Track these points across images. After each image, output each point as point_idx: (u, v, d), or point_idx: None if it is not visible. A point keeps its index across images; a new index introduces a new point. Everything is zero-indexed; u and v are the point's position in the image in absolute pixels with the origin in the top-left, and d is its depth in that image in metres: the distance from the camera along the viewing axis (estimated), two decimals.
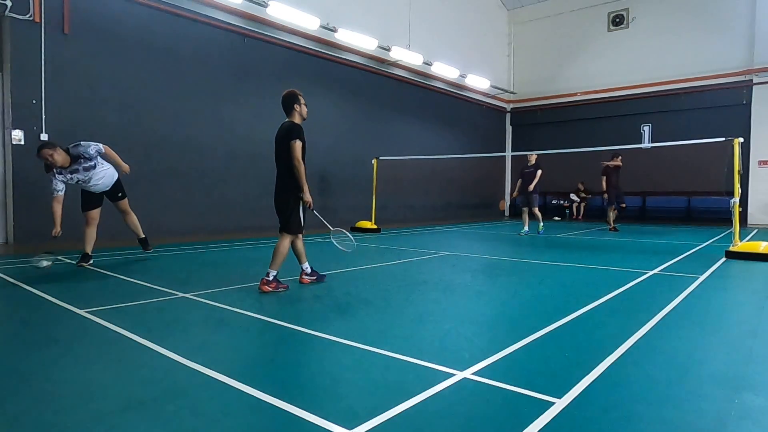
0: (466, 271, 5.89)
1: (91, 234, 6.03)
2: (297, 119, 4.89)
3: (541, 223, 11.30)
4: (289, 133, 4.70)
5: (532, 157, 11.26)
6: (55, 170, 5.62)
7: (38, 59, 7.61)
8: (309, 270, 4.96)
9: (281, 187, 4.79)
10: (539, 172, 11.00)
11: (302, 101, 4.87)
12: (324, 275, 5.12)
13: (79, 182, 5.85)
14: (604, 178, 11.98)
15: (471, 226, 13.58)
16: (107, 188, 6.17)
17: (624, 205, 12.34)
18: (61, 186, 5.64)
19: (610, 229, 12.02)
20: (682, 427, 1.98)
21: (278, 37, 11.02)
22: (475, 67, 16.63)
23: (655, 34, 15.91)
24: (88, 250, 5.96)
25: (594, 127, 16.84)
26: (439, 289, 4.82)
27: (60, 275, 5.34)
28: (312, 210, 4.84)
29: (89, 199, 6.10)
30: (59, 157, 5.60)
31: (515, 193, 11.52)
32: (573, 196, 16.90)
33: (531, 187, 10.94)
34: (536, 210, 11.19)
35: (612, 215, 12.13)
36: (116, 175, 6.31)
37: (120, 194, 6.40)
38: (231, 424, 1.96)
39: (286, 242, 4.67)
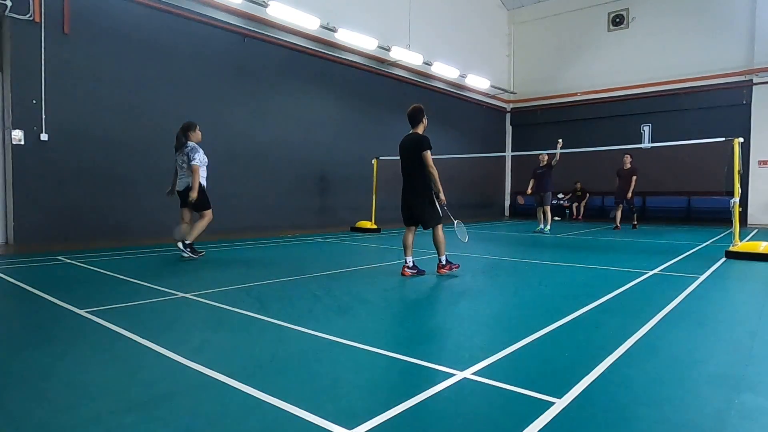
0: (466, 271, 5.88)
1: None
2: (421, 130, 5.44)
3: (548, 225, 11.41)
4: (420, 144, 5.25)
5: (544, 157, 11.51)
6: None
7: (38, 59, 7.61)
8: (411, 264, 5.48)
9: (414, 190, 5.37)
10: (551, 172, 11.36)
11: (425, 114, 5.48)
12: (423, 270, 5.59)
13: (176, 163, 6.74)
14: (617, 179, 12.65)
15: (471, 226, 13.56)
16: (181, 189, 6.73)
17: (633, 207, 12.72)
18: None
19: (614, 228, 12.54)
20: (682, 427, 1.98)
21: (278, 37, 11.02)
22: (475, 67, 16.63)
23: (655, 34, 15.90)
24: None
25: (594, 127, 16.84)
26: (439, 289, 4.82)
27: (60, 275, 5.34)
28: (444, 207, 5.46)
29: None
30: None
31: (529, 191, 11.74)
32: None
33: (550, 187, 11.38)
34: (548, 209, 11.41)
35: (618, 215, 12.69)
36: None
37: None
38: (231, 424, 1.96)
39: (439, 232, 5.36)
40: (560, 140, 11.05)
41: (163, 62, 9.14)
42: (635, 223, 12.82)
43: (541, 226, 11.52)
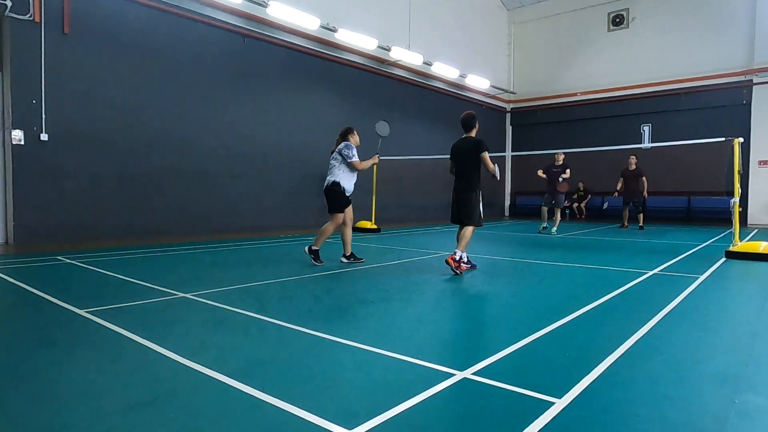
0: (466, 272, 5.88)
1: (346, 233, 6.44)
2: (474, 134, 5.96)
3: (555, 227, 11.29)
4: (480, 146, 5.77)
5: (560, 156, 11.35)
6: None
7: (38, 59, 7.61)
8: (466, 259, 5.70)
9: (466, 187, 5.80)
10: (569, 170, 11.16)
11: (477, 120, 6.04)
12: (476, 265, 5.97)
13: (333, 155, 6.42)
14: (621, 180, 12.84)
15: None
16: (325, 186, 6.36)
17: (641, 207, 12.79)
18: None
19: (620, 227, 12.90)
20: (682, 427, 1.98)
21: (278, 37, 11.02)
22: (475, 67, 16.62)
23: (655, 34, 15.90)
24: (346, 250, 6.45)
25: (594, 127, 16.84)
26: (439, 289, 4.82)
27: (60, 275, 5.34)
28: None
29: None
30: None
31: (540, 173, 11.56)
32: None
33: (564, 186, 11.16)
34: (558, 211, 11.31)
35: (626, 214, 13.04)
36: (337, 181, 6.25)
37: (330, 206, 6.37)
38: (231, 424, 1.96)
39: (471, 231, 5.73)
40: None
41: (163, 62, 9.14)
42: (641, 224, 12.75)
43: (546, 224, 11.46)
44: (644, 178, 12.44)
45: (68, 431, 1.92)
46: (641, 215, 12.72)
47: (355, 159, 6.26)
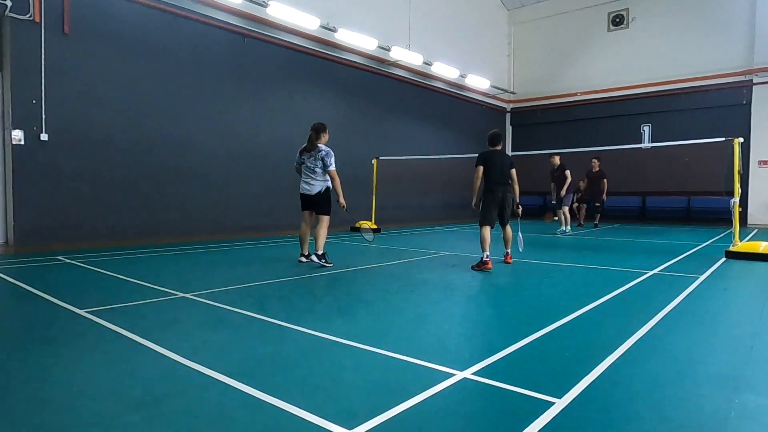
0: (466, 271, 5.89)
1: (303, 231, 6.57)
2: (500, 148, 6.46)
3: (568, 227, 11.29)
4: (512, 162, 6.43)
5: (556, 158, 11.32)
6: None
7: (38, 59, 7.60)
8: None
9: (509, 193, 6.40)
10: (568, 172, 11.13)
11: None
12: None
13: (304, 164, 6.58)
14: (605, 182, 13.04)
15: (471, 226, 13.57)
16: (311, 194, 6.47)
17: (598, 205, 13.24)
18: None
19: (578, 225, 13.43)
20: (682, 427, 1.98)
21: (278, 37, 11.02)
22: (475, 67, 16.62)
23: (655, 34, 15.90)
24: (304, 249, 6.48)
25: (594, 127, 16.84)
26: (439, 289, 4.82)
27: (60, 275, 5.34)
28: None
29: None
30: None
31: (555, 195, 11.56)
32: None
33: (563, 193, 11.20)
34: (566, 210, 11.29)
35: (582, 213, 13.64)
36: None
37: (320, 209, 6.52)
38: (231, 424, 1.96)
39: (510, 229, 6.69)
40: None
41: (163, 62, 9.14)
42: (596, 223, 13.27)
43: (563, 228, 11.40)
44: (605, 180, 12.75)
45: (68, 431, 1.92)
46: (598, 215, 13.16)
47: (333, 168, 6.42)
